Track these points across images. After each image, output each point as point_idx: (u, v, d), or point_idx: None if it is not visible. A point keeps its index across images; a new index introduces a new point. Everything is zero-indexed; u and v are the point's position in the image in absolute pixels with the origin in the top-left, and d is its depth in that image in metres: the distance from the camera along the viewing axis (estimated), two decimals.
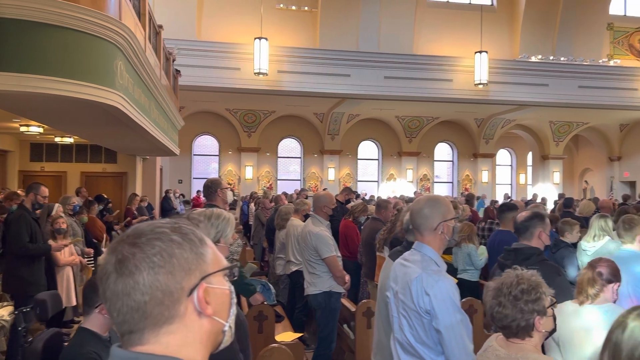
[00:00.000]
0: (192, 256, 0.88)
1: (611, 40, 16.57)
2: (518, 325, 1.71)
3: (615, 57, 16.29)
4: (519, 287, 1.73)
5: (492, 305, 1.77)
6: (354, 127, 18.63)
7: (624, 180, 20.44)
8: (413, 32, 15.01)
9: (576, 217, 7.31)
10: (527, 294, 1.72)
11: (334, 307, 4.29)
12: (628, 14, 16.91)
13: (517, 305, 1.71)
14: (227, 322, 0.94)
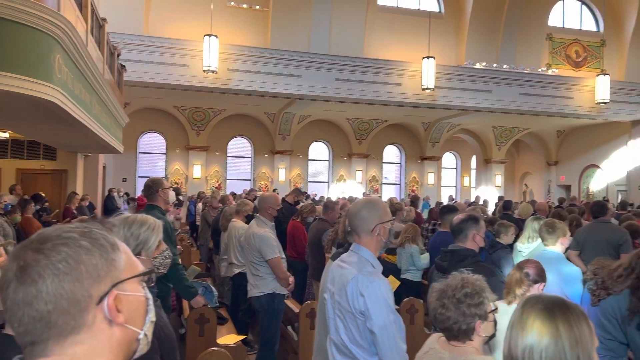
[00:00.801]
0: (102, 262, 0.85)
1: (550, 51, 17.41)
2: (459, 328, 1.75)
3: (553, 66, 17.12)
4: (463, 290, 1.77)
5: (436, 306, 1.80)
6: (305, 127, 18.67)
7: (560, 184, 21.52)
8: (363, 36, 15.21)
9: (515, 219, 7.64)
10: (471, 298, 1.76)
11: (278, 309, 4.27)
12: (566, 26, 17.80)
13: (460, 308, 1.75)
14: (142, 330, 0.92)
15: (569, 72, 17.05)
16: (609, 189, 18.92)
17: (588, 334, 1.23)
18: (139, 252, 1.94)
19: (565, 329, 1.22)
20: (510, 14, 15.89)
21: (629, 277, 2.82)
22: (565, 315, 1.24)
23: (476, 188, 21.98)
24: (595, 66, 17.36)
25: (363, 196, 15.01)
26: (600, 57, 17.51)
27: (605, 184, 19.22)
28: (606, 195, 18.28)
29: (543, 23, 16.98)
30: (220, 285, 6.54)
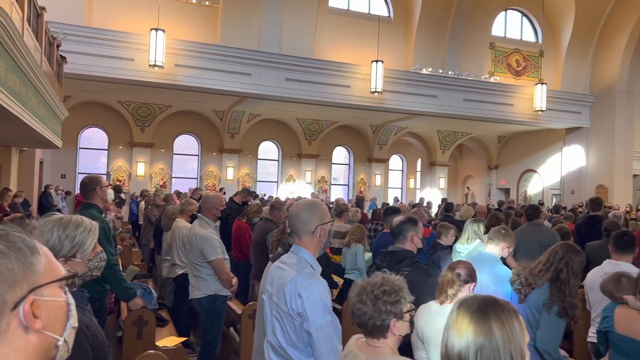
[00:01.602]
0: (19, 266, 0.82)
1: (492, 59, 18.12)
2: (374, 323, 1.78)
3: (495, 74, 17.83)
4: (382, 287, 1.81)
5: (354, 301, 1.83)
6: (255, 126, 18.54)
7: (500, 187, 22.45)
8: (314, 37, 15.27)
9: (456, 221, 7.91)
10: (388, 295, 1.80)
11: (219, 311, 4.22)
12: (508, 36, 18.58)
13: (377, 305, 1.78)
14: (62, 337, 0.89)
15: (509, 80, 17.80)
16: (545, 193, 19.92)
17: (519, 330, 1.29)
18: (74, 254, 1.87)
19: (498, 327, 1.26)
20: (456, 22, 16.41)
21: (548, 271, 3.12)
22: (497, 314, 1.29)
23: (421, 190, 22.56)
24: (534, 75, 18.23)
25: (311, 197, 15.08)
26: (539, 67, 18.41)
27: (542, 187, 20.23)
28: (542, 199, 19.24)
29: (487, 32, 17.65)
30: (162, 286, 6.39)
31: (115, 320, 5.86)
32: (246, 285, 6.06)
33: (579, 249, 3.26)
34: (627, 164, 17.52)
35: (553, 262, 3.16)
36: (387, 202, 18.24)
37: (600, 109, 17.70)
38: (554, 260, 3.16)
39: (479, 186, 23.56)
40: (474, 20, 16.81)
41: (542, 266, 3.23)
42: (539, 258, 3.33)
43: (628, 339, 2.76)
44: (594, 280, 3.93)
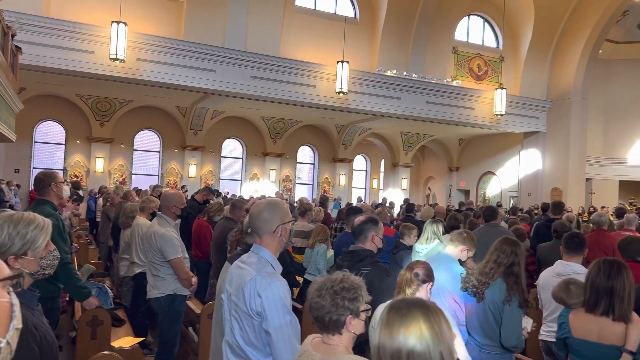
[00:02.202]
0: None
1: (455, 63, 18.51)
2: (330, 318, 1.80)
3: (457, 78, 18.21)
4: (342, 284, 1.83)
5: (313, 296, 1.85)
6: (219, 124, 18.33)
7: (460, 189, 22.97)
8: (280, 35, 15.21)
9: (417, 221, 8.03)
10: (347, 292, 1.82)
11: (178, 311, 4.15)
12: (470, 41, 19.01)
13: (335, 299, 1.80)
14: (5, 338, 0.86)
15: (471, 84, 18.22)
16: (503, 195, 20.50)
17: (447, 328, 1.34)
18: (25, 252, 1.82)
19: (427, 328, 1.31)
20: (420, 26, 16.67)
21: (500, 266, 3.30)
22: (426, 316, 1.33)
23: (384, 190, 22.84)
24: (495, 80, 18.72)
25: (276, 195, 15.04)
26: (499, 72, 18.91)
27: (500, 189, 20.80)
28: (500, 200, 19.80)
29: (450, 36, 18.00)
30: (119, 285, 6.24)
31: (69, 320, 5.68)
32: (206, 285, 5.98)
33: (519, 241, 3.46)
34: (581, 168, 18.22)
35: (504, 258, 3.31)
36: (351, 202, 18.38)
37: (557, 114, 18.34)
38: (504, 256, 3.32)
39: (440, 187, 24.02)
40: (437, 25, 17.10)
41: (493, 264, 3.36)
42: (486, 257, 3.45)
43: (585, 342, 2.86)
44: (546, 281, 4.07)
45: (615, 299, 2.75)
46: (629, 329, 2.72)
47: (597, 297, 2.80)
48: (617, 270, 2.80)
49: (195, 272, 6.52)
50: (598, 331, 2.80)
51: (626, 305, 2.75)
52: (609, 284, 2.77)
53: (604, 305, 2.78)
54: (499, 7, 17.70)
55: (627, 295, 2.76)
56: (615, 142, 20.13)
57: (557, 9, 17.52)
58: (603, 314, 2.78)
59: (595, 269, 2.88)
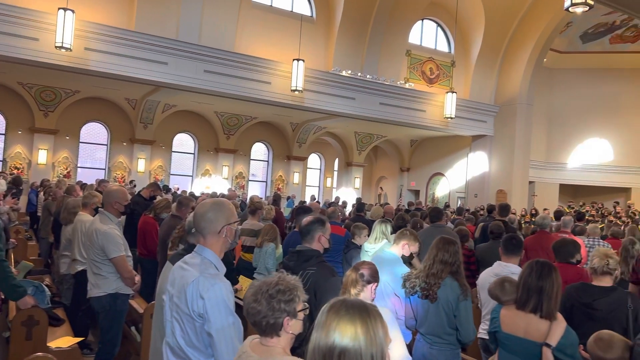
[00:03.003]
0: None
1: (408, 66, 18.88)
2: (267, 322, 1.81)
3: (410, 80, 18.59)
4: (277, 287, 1.84)
5: (249, 301, 1.84)
6: (170, 117, 17.92)
7: (411, 189, 23.47)
8: (236, 30, 15.03)
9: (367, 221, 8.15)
10: (282, 294, 1.82)
11: (120, 310, 4.05)
12: (423, 45, 19.43)
13: (271, 303, 1.81)
14: None
15: (423, 87, 18.63)
16: (451, 195, 21.10)
17: (382, 333, 1.38)
18: None
19: (362, 330, 1.35)
20: (375, 28, 16.89)
21: (447, 265, 3.48)
22: (363, 318, 1.37)
23: (337, 189, 23.02)
24: (446, 84, 19.23)
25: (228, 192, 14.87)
26: (450, 76, 19.44)
27: (449, 190, 21.41)
28: (448, 201, 20.37)
29: (404, 39, 18.33)
30: (60, 283, 6.01)
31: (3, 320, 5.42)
32: (152, 283, 5.85)
33: (456, 240, 3.66)
34: (524, 171, 19.01)
35: (449, 257, 3.49)
36: (305, 200, 18.42)
37: (503, 119, 19.05)
38: (448, 255, 3.49)
39: (391, 187, 24.46)
40: (392, 27, 17.38)
41: (440, 264, 3.51)
42: (427, 257, 3.60)
43: (513, 337, 3.02)
44: (485, 281, 4.24)
45: (544, 297, 2.92)
46: (553, 326, 2.89)
47: (528, 295, 2.97)
48: (548, 272, 2.98)
49: (141, 270, 6.38)
50: (525, 327, 2.97)
51: (553, 304, 2.93)
52: (539, 284, 2.94)
53: (533, 303, 2.94)
54: (452, 13, 18.18)
55: (555, 295, 2.94)
56: (556, 147, 21.13)
57: (506, 18, 18.18)
58: (532, 311, 2.95)
59: (527, 269, 3.05)
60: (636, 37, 19.72)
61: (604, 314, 3.47)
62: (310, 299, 3.01)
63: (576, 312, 3.59)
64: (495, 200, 17.92)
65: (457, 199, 20.69)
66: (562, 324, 2.92)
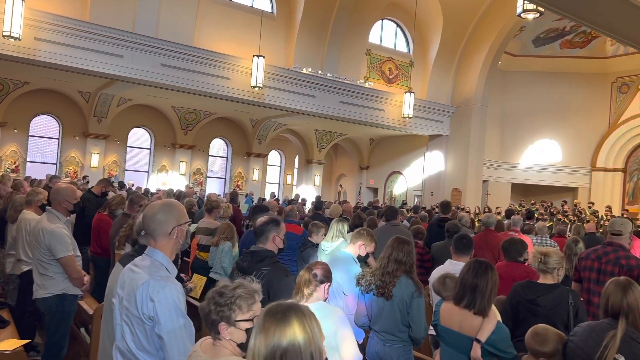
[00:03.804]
0: None
1: (368, 65, 19.06)
2: (207, 320, 1.86)
3: (370, 80, 18.78)
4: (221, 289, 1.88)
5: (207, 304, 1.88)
6: (125, 112, 17.46)
7: (369, 187, 23.75)
8: (194, 24, 14.77)
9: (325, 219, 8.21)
10: (220, 296, 1.86)
11: (68, 311, 3.93)
12: (383, 44, 19.66)
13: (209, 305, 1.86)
14: None
15: (382, 87, 18.86)
16: (409, 193, 21.50)
17: (318, 331, 1.46)
18: None
19: (300, 331, 1.41)
20: (336, 26, 16.96)
21: (401, 264, 3.59)
22: (299, 319, 1.43)
23: (297, 186, 23.05)
24: (404, 84, 19.54)
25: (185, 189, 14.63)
26: (409, 77, 19.76)
27: (406, 188, 21.80)
28: (405, 199, 20.75)
29: (364, 39, 18.49)
30: (5, 284, 5.77)
31: None
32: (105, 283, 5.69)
33: (410, 240, 3.80)
34: (478, 170, 19.57)
35: (403, 257, 3.61)
36: (264, 197, 18.35)
37: (459, 119, 19.54)
38: (403, 255, 3.61)
39: (351, 185, 24.68)
40: (352, 26, 17.50)
41: (395, 263, 3.61)
42: (382, 256, 3.69)
43: (449, 330, 3.17)
44: None
45: (478, 294, 3.06)
46: (484, 322, 3.03)
47: (464, 292, 3.12)
48: (484, 270, 3.12)
49: (93, 269, 6.21)
50: (460, 322, 3.11)
51: (486, 302, 3.06)
52: (475, 281, 3.09)
53: (467, 299, 3.09)
54: (411, 14, 18.47)
55: (489, 293, 3.07)
56: (509, 147, 21.85)
57: (463, 21, 18.62)
58: (466, 307, 3.09)
59: (466, 267, 3.20)
60: (584, 42, 20.61)
61: (546, 310, 3.64)
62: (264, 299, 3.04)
63: (522, 308, 3.74)
64: (450, 199, 18.37)
65: (414, 197, 21.09)
66: (493, 320, 3.05)
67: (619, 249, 4.32)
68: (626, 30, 7.13)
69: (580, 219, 14.77)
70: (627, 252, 4.31)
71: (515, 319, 3.73)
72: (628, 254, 4.27)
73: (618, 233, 4.37)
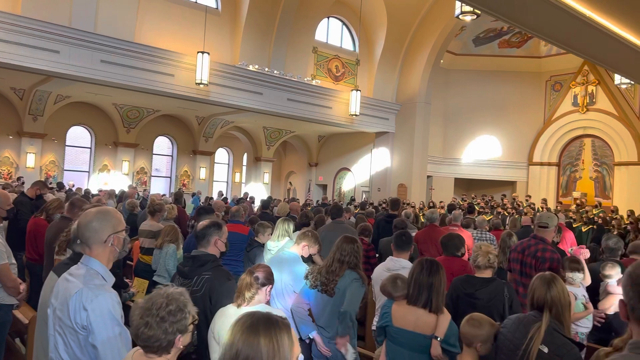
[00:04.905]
0: None
1: (315, 62, 19.15)
2: (160, 345, 1.81)
3: (317, 77, 18.88)
4: (167, 308, 1.83)
5: (139, 324, 1.82)
6: (63, 109, 16.74)
7: (319, 184, 23.91)
8: (136, 19, 14.33)
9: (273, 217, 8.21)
10: (174, 316, 1.83)
11: (3, 321, 3.77)
12: (329, 42, 19.80)
13: (162, 327, 1.80)
14: None
15: (329, 85, 19.01)
16: (357, 190, 21.82)
17: (288, 344, 1.47)
18: None
19: (265, 342, 1.43)
20: (282, 23, 16.91)
21: (344, 263, 3.76)
22: (267, 330, 1.45)
23: (246, 184, 22.88)
24: (351, 82, 19.77)
25: (128, 189, 14.21)
26: (355, 74, 20.02)
27: (354, 185, 22.11)
28: (354, 195, 21.05)
29: (310, 36, 18.55)
30: None
31: None
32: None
33: (356, 238, 3.96)
34: (423, 166, 20.13)
35: (345, 256, 3.78)
36: (212, 196, 18.10)
37: (404, 117, 20.00)
38: (345, 254, 3.78)
39: (300, 182, 24.75)
40: (299, 24, 17.51)
41: (337, 262, 3.77)
42: (329, 255, 3.84)
43: (403, 330, 3.24)
44: (379, 275, 4.48)
45: (433, 293, 3.19)
46: (440, 319, 3.16)
47: (419, 292, 3.21)
48: (436, 269, 3.26)
49: (29, 276, 5.95)
50: (415, 321, 3.20)
51: (440, 299, 3.20)
52: (430, 281, 3.21)
53: (424, 298, 3.19)
54: (356, 13, 18.70)
55: (442, 291, 3.22)
56: (452, 143, 22.58)
57: (407, 20, 19.05)
58: (423, 307, 3.20)
59: (418, 267, 3.30)
60: (521, 42, 21.58)
61: (484, 303, 3.83)
62: (205, 303, 3.04)
63: (461, 302, 3.92)
64: (396, 194, 18.81)
65: (362, 193, 21.42)
66: (447, 317, 3.20)
67: (540, 242, 4.60)
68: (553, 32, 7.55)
69: (518, 212, 15.49)
70: (545, 244, 4.57)
71: (456, 312, 3.91)
72: (545, 247, 4.54)
73: (545, 226, 4.66)
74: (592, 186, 20.36)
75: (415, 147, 19.66)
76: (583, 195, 19.66)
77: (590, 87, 20.15)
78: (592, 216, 15.04)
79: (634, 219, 13.29)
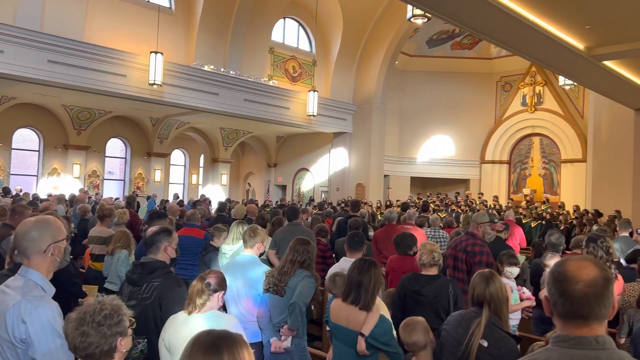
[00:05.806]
0: None
1: (272, 63, 19.09)
2: (102, 350, 1.78)
3: (274, 78, 18.83)
4: (102, 313, 1.80)
5: (75, 336, 1.77)
6: (9, 111, 16.02)
7: (278, 184, 23.86)
8: (85, 18, 13.88)
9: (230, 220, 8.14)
10: (110, 319, 1.80)
11: None
12: (286, 43, 19.79)
13: (101, 331, 1.77)
14: None
15: (286, 85, 19.00)
16: (316, 190, 21.90)
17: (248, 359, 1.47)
18: None
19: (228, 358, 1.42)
20: (237, 23, 16.78)
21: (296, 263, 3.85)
22: (229, 348, 1.44)
23: (203, 186, 22.56)
24: (308, 82, 19.83)
25: (79, 193, 13.78)
26: (312, 75, 20.08)
27: (313, 185, 22.18)
28: (313, 195, 21.12)
29: (266, 37, 18.48)
30: None
31: None
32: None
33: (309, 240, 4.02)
34: (380, 165, 20.42)
35: (297, 256, 3.85)
36: (167, 198, 17.76)
37: (361, 117, 20.23)
38: (297, 255, 3.85)
39: (259, 183, 24.62)
40: (254, 24, 17.42)
41: (289, 263, 3.85)
42: (283, 259, 3.91)
43: (338, 326, 3.36)
44: None
45: (362, 291, 3.27)
46: (368, 317, 3.25)
47: (350, 289, 3.32)
48: (367, 268, 3.33)
49: None
50: (347, 317, 3.31)
51: (370, 297, 3.27)
52: (359, 278, 3.30)
53: (353, 295, 3.28)
54: (312, 14, 18.77)
55: (372, 289, 3.29)
56: (407, 143, 23.00)
57: (362, 22, 19.28)
58: (352, 303, 3.28)
59: (352, 265, 3.42)
60: (472, 44, 22.21)
61: (430, 299, 3.95)
62: (155, 311, 3.00)
63: (408, 299, 4.03)
64: (354, 194, 19.01)
65: (321, 193, 21.52)
66: (375, 314, 3.27)
67: (470, 237, 4.89)
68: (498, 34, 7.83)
69: (471, 209, 15.94)
70: (475, 239, 4.85)
71: (404, 309, 4.00)
72: (475, 242, 4.81)
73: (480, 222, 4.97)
74: (541, 183, 21.19)
75: (372, 147, 19.91)
76: (532, 191, 20.44)
77: (537, 87, 20.97)
78: (540, 212, 15.65)
79: (579, 214, 13.92)
